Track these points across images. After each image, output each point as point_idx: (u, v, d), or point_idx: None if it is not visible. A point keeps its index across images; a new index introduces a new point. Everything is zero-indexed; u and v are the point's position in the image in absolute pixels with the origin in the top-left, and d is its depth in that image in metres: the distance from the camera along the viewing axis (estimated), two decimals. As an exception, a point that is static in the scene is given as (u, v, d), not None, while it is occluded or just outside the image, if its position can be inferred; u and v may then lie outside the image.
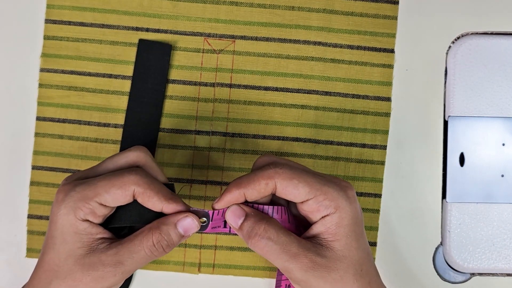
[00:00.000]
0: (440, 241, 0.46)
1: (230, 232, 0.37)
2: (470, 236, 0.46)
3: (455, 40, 0.46)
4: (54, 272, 0.35)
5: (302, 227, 0.38)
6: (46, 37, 0.45)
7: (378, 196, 0.46)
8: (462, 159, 0.46)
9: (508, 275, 0.46)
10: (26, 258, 0.45)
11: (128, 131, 0.45)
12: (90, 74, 0.45)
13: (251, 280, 0.46)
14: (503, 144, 0.46)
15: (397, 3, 0.46)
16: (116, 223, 0.37)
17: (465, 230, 0.46)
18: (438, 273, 0.46)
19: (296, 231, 0.38)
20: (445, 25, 0.46)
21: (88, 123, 0.45)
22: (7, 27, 0.46)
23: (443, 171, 0.46)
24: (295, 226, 0.38)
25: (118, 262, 0.35)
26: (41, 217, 0.45)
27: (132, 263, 0.35)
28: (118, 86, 0.45)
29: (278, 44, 0.46)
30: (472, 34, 0.46)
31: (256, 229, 0.35)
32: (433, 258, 0.46)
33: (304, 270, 0.35)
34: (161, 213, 0.36)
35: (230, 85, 0.46)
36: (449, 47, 0.46)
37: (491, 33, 0.47)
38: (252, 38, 0.46)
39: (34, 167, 0.45)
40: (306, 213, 0.36)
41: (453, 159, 0.46)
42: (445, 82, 0.46)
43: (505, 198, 0.46)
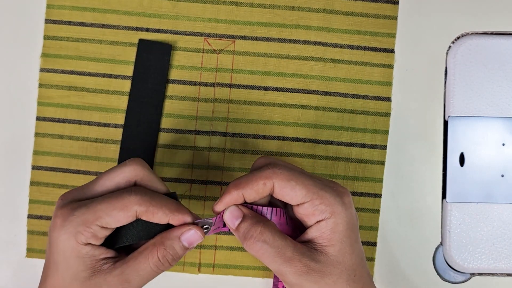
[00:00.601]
0: (440, 241, 0.46)
1: (229, 231, 0.38)
2: (470, 236, 0.46)
3: (455, 40, 0.46)
4: None
5: (299, 230, 0.38)
6: (46, 37, 0.45)
7: (378, 196, 0.46)
8: (462, 159, 0.46)
9: (508, 275, 0.46)
10: (26, 258, 0.45)
11: (128, 131, 0.45)
12: (90, 74, 0.45)
13: (251, 280, 0.46)
14: (503, 144, 0.46)
15: (397, 3, 0.46)
16: (123, 242, 0.36)
17: (465, 230, 0.46)
18: (438, 273, 0.46)
19: (293, 233, 0.38)
20: (445, 25, 0.46)
21: (88, 123, 0.45)
22: (7, 27, 0.46)
23: (443, 171, 0.46)
24: (292, 228, 0.38)
25: (125, 281, 0.35)
26: (41, 217, 0.45)
27: (139, 281, 0.35)
28: (118, 86, 0.45)
29: (278, 44, 0.46)
30: (472, 34, 0.46)
31: (252, 231, 0.35)
32: (433, 258, 0.46)
33: (298, 275, 0.35)
34: (168, 224, 0.36)
35: (230, 85, 0.46)
36: (449, 47, 0.46)
37: (491, 33, 0.47)
38: (252, 38, 0.46)
39: (34, 167, 0.45)
40: (301, 217, 0.36)
41: (453, 159, 0.46)
42: (445, 82, 0.46)
43: (505, 198, 0.46)
